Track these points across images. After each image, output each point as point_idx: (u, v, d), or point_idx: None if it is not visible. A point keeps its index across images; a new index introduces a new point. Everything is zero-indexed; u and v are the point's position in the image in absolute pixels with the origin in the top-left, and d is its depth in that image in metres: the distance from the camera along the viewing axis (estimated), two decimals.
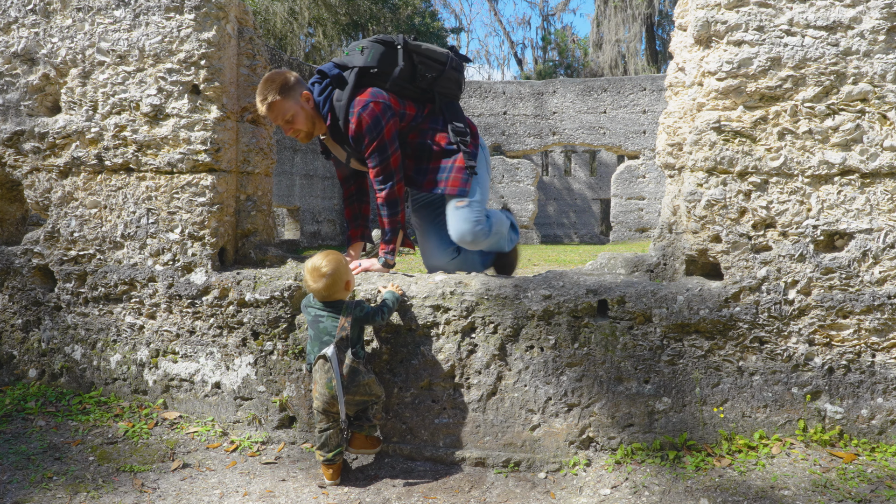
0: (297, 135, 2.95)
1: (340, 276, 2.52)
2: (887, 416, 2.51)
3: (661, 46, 29.51)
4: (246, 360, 2.93)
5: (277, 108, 2.85)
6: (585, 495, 2.38)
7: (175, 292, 3.00)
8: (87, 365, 3.17)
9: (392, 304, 2.63)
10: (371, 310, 2.56)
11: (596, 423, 2.62)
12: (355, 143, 2.93)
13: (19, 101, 3.18)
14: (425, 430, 2.73)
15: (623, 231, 17.34)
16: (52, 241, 3.17)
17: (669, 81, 2.90)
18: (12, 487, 2.41)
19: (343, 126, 2.92)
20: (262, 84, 2.85)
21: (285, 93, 2.84)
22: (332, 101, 2.94)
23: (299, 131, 2.94)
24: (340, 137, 3.00)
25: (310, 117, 2.93)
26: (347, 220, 3.34)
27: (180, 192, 2.99)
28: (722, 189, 2.57)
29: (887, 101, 2.43)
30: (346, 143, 3.00)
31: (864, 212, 2.48)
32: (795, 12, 2.49)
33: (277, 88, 2.82)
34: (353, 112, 2.86)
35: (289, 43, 23.66)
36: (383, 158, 2.92)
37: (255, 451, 2.76)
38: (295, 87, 2.88)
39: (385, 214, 3.00)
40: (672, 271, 2.86)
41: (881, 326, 2.49)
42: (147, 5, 2.97)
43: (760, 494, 2.25)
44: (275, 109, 2.85)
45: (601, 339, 2.62)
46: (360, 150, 2.95)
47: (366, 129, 2.86)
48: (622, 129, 17.21)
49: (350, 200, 3.32)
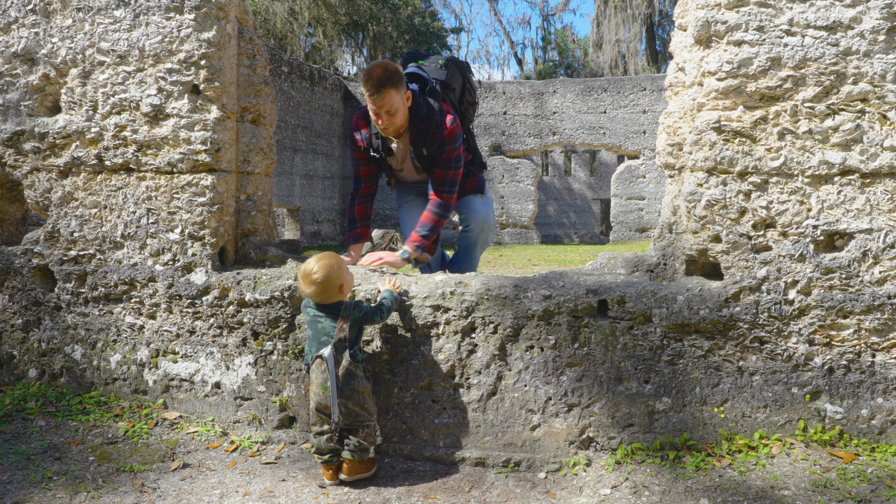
0: (388, 128, 3.08)
1: (333, 282, 2.50)
2: (887, 416, 2.51)
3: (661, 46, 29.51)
4: (246, 360, 2.93)
5: (389, 99, 2.97)
6: (585, 495, 2.38)
7: (175, 292, 3.00)
8: (87, 365, 3.17)
9: (390, 304, 2.62)
10: (369, 310, 2.56)
11: (596, 423, 2.62)
12: (438, 147, 3.12)
13: (19, 101, 3.18)
14: (425, 430, 2.73)
15: (623, 231, 17.34)
16: (53, 241, 3.17)
17: (669, 81, 2.90)
18: (12, 487, 2.41)
19: (431, 129, 3.12)
20: (379, 71, 2.94)
21: (399, 86, 2.99)
22: (428, 104, 3.17)
23: (392, 125, 3.07)
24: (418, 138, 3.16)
25: (405, 114, 3.11)
26: (358, 217, 3.42)
27: (180, 192, 2.99)
28: (722, 189, 2.57)
29: (887, 101, 2.43)
30: (422, 144, 3.15)
31: (865, 212, 2.48)
32: (795, 12, 2.49)
33: (397, 80, 2.96)
34: (447, 120, 3.13)
35: (289, 43, 23.66)
36: (459, 166, 3.22)
37: (255, 451, 2.76)
38: (403, 84, 3.03)
39: (438, 214, 3.22)
40: (672, 271, 2.86)
41: (881, 326, 2.49)
42: (147, 5, 2.97)
43: (760, 494, 2.25)
44: (387, 99, 2.96)
45: (601, 339, 2.62)
46: (440, 152, 3.14)
47: (453, 138, 3.16)
48: (622, 129, 17.21)
49: (365, 199, 3.43)
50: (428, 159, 3.22)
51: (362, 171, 3.38)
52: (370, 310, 2.56)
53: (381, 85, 2.92)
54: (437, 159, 3.18)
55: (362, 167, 3.38)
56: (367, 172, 3.38)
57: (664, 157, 2.89)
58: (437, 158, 3.17)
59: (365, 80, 2.97)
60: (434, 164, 3.21)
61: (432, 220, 3.20)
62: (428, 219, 3.21)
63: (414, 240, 3.17)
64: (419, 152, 3.18)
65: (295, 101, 15.40)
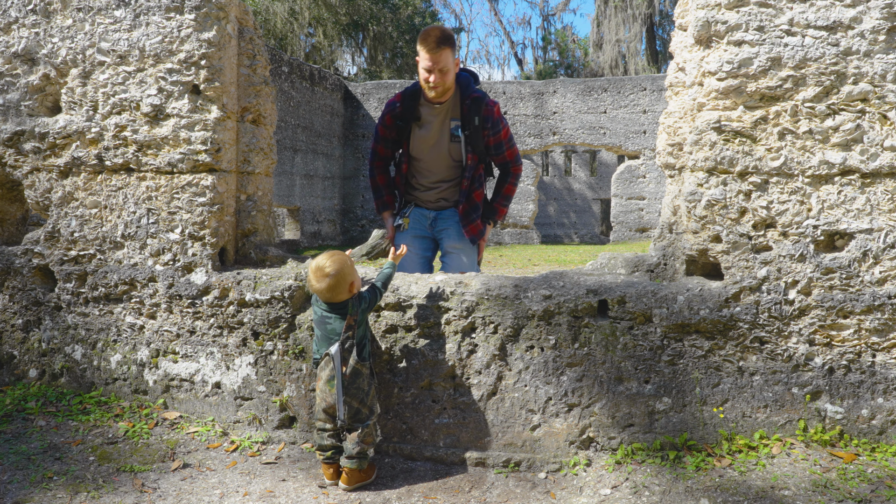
0: (438, 86, 3.23)
1: (345, 278, 2.49)
2: (888, 416, 2.51)
3: (661, 46, 29.51)
4: (246, 360, 2.93)
5: (445, 56, 3.16)
6: (586, 495, 2.38)
7: (175, 292, 3.00)
8: (88, 365, 3.17)
9: (384, 277, 2.66)
10: (370, 296, 2.57)
11: (596, 423, 2.62)
12: (493, 124, 3.35)
13: (20, 101, 3.18)
14: (425, 430, 2.73)
15: (623, 231, 17.34)
16: (53, 241, 3.18)
17: (670, 81, 2.90)
18: (13, 487, 2.41)
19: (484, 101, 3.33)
20: (437, 31, 3.17)
21: (453, 48, 3.21)
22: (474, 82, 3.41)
23: (442, 84, 3.23)
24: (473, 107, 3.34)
25: (454, 79, 3.30)
26: (381, 185, 3.57)
27: (180, 192, 2.99)
28: (722, 189, 2.57)
29: (888, 101, 2.43)
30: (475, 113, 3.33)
31: (865, 212, 2.48)
32: (796, 12, 2.49)
33: (452, 42, 3.19)
34: (492, 101, 3.36)
35: (289, 43, 23.66)
36: (514, 143, 3.49)
37: (255, 451, 2.76)
38: (456, 48, 3.25)
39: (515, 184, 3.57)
40: (672, 271, 2.86)
41: (881, 326, 2.49)
42: (147, 5, 2.97)
43: (761, 494, 2.25)
44: (443, 56, 3.16)
45: (601, 340, 2.62)
46: (496, 129, 3.37)
47: (503, 117, 3.42)
48: (622, 129, 17.20)
49: (382, 169, 3.57)
50: (477, 140, 3.35)
51: (380, 149, 3.54)
52: (370, 295, 2.57)
53: (440, 42, 3.13)
54: (499, 140, 3.40)
55: (381, 146, 3.53)
56: (383, 152, 3.54)
57: (664, 157, 2.89)
58: (499, 138, 3.39)
59: (423, 38, 3.18)
60: (498, 147, 3.43)
61: (512, 190, 3.55)
62: (510, 190, 3.55)
63: (500, 212, 3.55)
64: (470, 122, 3.32)
65: (295, 101, 15.40)
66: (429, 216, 3.53)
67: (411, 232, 3.52)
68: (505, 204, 3.59)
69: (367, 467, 2.50)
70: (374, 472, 2.54)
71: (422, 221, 3.54)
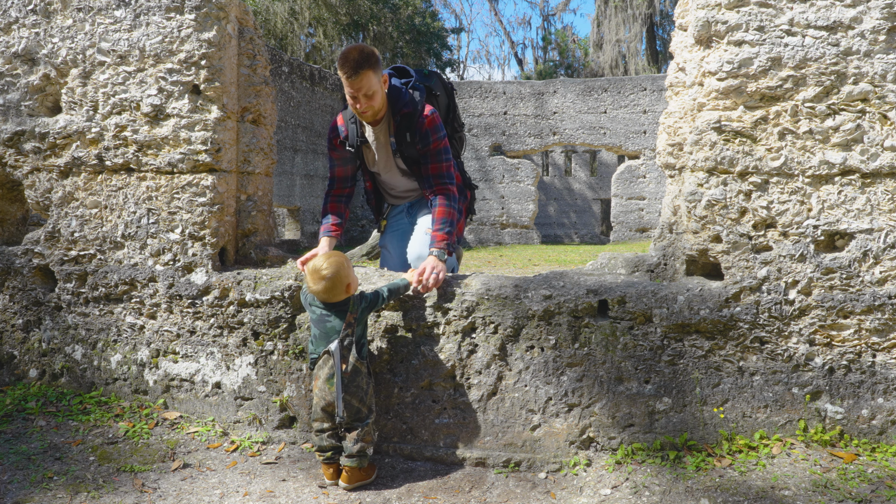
0: (367, 112, 3.04)
1: (341, 279, 2.50)
2: (888, 417, 2.51)
3: (661, 46, 29.51)
4: (246, 360, 2.93)
5: (367, 80, 2.92)
6: (586, 495, 2.38)
7: (175, 292, 3.00)
8: (88, 365, 3.17)
9: (394, 287, 2.65)
10: (372, 296, 2.58)
11: (596, 423, 2.62)
12: (422, 138, 3.11)
13: (20, 102, 3.18)
14: (426, 430, 2.73)
15: (623, 231, 17.33)
16: (53, 241, 3.18)
17: (670, 81, 2.90)
18: (13, 487, 2.41)
19: (416, 115, 3.12)
20: (356, 53, 2.92)
21: (376, 68, 2.95)
22: (410, 94, 3.15)
23: (371, 108, 3.03)
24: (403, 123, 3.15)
25: (383, 98, 3.07)
26: (331, 214, 3.25)
27: (181, 192, 2.99)
28: (722, 189, 2.57)
29: (888, 101, 2.43)
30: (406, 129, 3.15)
31: (865, 212, 2.48)
32: (796, 12, 2.49)
33: (374, 62, 2.94)
34: (426, 110, 3.13)
35: (289, 43, 23.66)
36: (449, 158, 3.19)
37: (255, 451, 2.76)
38: (380, 67, 3.02)
39: (449, 206, 3.11)
40: (672, 271, 2.86)
41: (882, 326, 2.49)
42: (147, 5, 2.97)
43: (761, 494, 2.25)
44: (364, 80, 2.92)
45: (601, 340, 2.62)
46: (426, 143, 3.13)
47: (435, 127, 3.13)
48: (622, 129, 17.20)
49: (337, 199, 3.28)
50: (412, 154, 3.17)
51: (337, 171, 3.30)
52: (373, 296, 2.58)
53: (358, 66, 2.88)
54: (427, 152, 3.13)
55: (338, 167, 3.31)
56: (341, 173, 3.31)
57: (665, 157, 2.89)
58: (427, 151, 3.13)
59: (341, 64, 2.93)
60: (425, 158, 3.16)
61: (447, 213, 3.05)
62: (443, 213, 3.05)
63: (440, 238, 2.96)
64: (402, 139, 3.14)
65: (295, 101, 15.41)
66: (404, 207, 3.52)
67: (390, 230, 3.51)
68: (441, 229, 2.99)
69: (367, 467, 2.51)
70: (374, 471, 2.55)
71: (400, 216, 3.52)
